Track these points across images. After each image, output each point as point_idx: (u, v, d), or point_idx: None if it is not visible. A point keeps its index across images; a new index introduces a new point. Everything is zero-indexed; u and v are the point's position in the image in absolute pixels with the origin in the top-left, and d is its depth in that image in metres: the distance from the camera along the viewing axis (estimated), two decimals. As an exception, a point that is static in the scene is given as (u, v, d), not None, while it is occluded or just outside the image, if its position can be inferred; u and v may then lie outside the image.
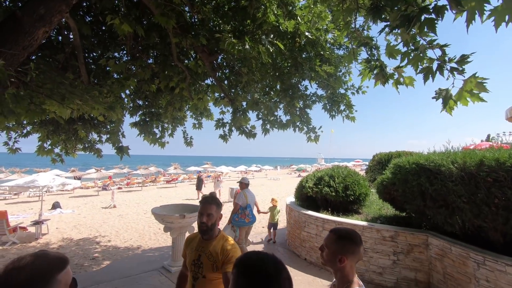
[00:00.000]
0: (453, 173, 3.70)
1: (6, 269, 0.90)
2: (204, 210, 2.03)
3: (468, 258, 3.72)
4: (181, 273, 2.28)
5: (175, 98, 5.45)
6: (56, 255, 1.00)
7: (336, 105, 5.54)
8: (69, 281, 0.99)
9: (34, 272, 0.90)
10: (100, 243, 8.09)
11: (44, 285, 0.90)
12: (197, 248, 2.06)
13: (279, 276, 0.82)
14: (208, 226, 2.01)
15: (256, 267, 0.84)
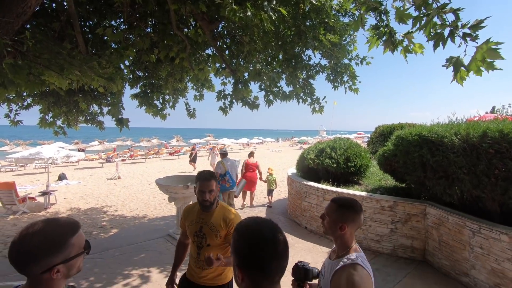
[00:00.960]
0: (455, 145, 3.70)
1: (20, 234, 0.93)
2: (205, 188, 2.04)
3: (464, 227, 3.84)
4: (180, 242, 2.36)
5: (176, 68, 5.34)
6: (68, 220, 1.03)
7: (340, 76, 5.42)
8: (83, 244, 1.03)
9: (49, 237, 0.94)
10: (107, 212, 8.36)
11: (59, 248, 0.94)
12: (197, 220, 2.13)
13: (275, 239, 0.85)
14: (211, 202, 2.07)
15: (254, 231, 0.88)
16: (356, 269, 1.36)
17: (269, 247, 0.84)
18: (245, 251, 0.85)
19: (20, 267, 0.91)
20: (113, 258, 4.62)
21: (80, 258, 1.03)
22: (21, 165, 19.46)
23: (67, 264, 0.97)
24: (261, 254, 0.83)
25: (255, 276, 0.84)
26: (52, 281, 0.94)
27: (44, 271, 0.91)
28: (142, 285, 3.81)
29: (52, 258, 0.92)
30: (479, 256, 3.65)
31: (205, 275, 2.09)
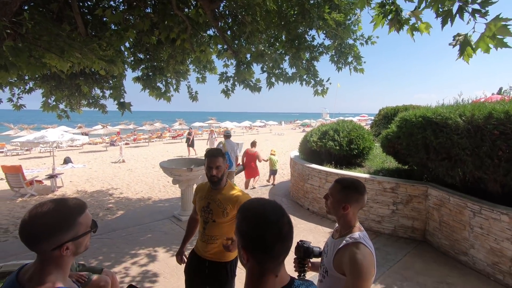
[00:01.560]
0: (460, 126, 3.68)
1: (30, 213, 0.96)
2: (212, 164, 2.12)
3: (465, 208, 3.88)
4: (191, 217, 2.50)
5: (177, 50, 5.26)
6: (75, 200, 1.07)
7: (344, 57, 5.32)
8: (89, 223, 1.07)
9: (58, 216, 0.97)
10: (113, 195, 8.52)
11: (67, 227, 0.97)
12: (206, 196, 2.22)
13: (279, 222, 0.86)
14: (218, 177, 2.14)
15: (258, 213, 0.88)
16: (358, 247, 1.39)
17: (273, 230, 0.84)
18: (249, 233, 0.86)
19: (31, 244, 0.95)
20: (121, 238, 4.75)
21: (88, 236, 1.07)
22: (26, 149, 19.68)
23: (76, 242, 1.00)
24: (265, 237, 0.84)
25: (260, 257, 0.86)
26: (62, 258, 0.98)
27: (55, 248, 0.95)
28: (149, 263, 3.94)
29: (62, 235, 0.96)
30: (478, 236, 3.71)
31: (210, 249, 2.18)
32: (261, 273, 0.86)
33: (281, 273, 0.88)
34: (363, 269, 1.32)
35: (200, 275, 2.25)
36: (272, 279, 0.86)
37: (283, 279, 0.89)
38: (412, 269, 3.80)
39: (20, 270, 1.02)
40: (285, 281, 0.89)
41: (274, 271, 0.87)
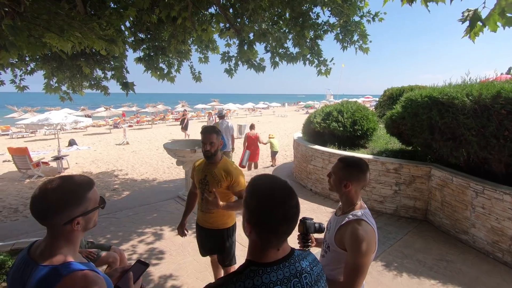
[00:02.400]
0: (466, 106, 3.62)
1: (41, 189, 0.98)
2: (206, 140, 2.33)
3: (467, 188, 3.89)
4: (191, 192, 2.70)
5: (178, 29, 5.15)
6: (83, 176, 1.09)
7: (349, 35, 5.17)
8: (98, 199, 1.09)
9: (68, 191, 0.99)
10: (118, 176, 8.66)
11: (78, 202, 1.00)
12: (203, 170, 2.44)
13: (287, 203, 0.87)
14: (212, 152, 2.35)
15: (267, 192, 0.88)
16: (360, 224, 1.41)
17: (279, 211, 0.85)
18: (256, 209, 0.87)
19: (43, 218, 0.97)
20: (127, 217, 4.87)
21: (96, 212, 1.09)
22: (31, 132, 19.85)
23: (86, 217, 1.03)
24: (270, 217, 0.85)
25: (263, 234, 0.87)
26: (72, 233, 1.01)
27: (66, 222, 0.97)
28: (156, 241, 4.05)
29: (72, 210, 0.98)
30: (480, 216, 3.74)
31: (207, 218, 2.45)
32: (263, 246, 0.89)
33: (283, 247, 0.90)
34: (364, 245, 1.35)
35: (203, 242, 2.58)
36: (274, 251, 0.89)
37: (285, 250, 0.91)
38: (412, 247, 3.88)
39: (31, 246, 1.05)
40: (286, 252, 0.91)
41: (276, 246, 0.89)
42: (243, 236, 3.79)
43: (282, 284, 0.84)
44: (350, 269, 1.36)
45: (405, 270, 3.36)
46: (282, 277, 0.85)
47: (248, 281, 0.82)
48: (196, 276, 3.26)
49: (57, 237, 0.99)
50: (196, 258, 3.57)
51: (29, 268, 0.96)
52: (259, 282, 0.82)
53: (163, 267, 3.45)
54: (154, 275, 3.29)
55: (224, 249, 2.48)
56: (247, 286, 0.82)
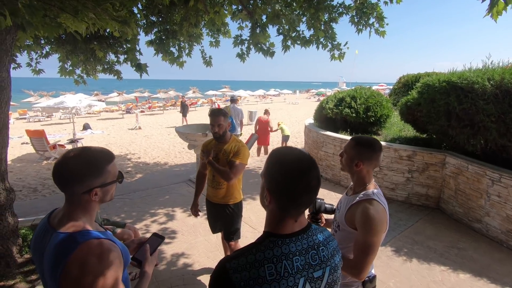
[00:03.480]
0: (487, 91, 3.49)
1: (64, 158, 1.01)
2: (214, 122, 2.44)
3: (483, 176, 3.80)
4: (199, 172, 2.79)
5: (190, 12, 5.09)
6: (105, 149, 1.11)
7: (365, 17, 4.99)
8: (116, 173, 1.11)
9: (90, 161, 1.02)
10: (131, 159, 8.84)
11: (97, 173, 1.02)
12: (214, 149, 2.54)
13: (310, 174, 0.87)
14: (220, 134, 2.47)
15: (291, 161, 0.88)
16: (372, 203, 1.40)
17: (303, 180, 0.85)
18: (279, 178, 0.87)
19: (64, 185, 1.00)
20: (140, 198, 5.00)
21: (114, 186, 1.12)
22: (47, 116, 20.37)
23: (104, 189, 1.06)
24: (292, 185, 0.85)
25: (283, 203, 0.87)
26: (90, 203, 1.04)
27: (85, 191, 1.00)
28: (168, 222, 4.16)
29: (92, 180, 1.01)
30: (495, 204, 3.67)
31: (217, 194, 2.58)
32: (282, 216, 0.89)
33: (300, 218, 0.91)
34: (374, 223, 1.34)
35: (213, 218, 2.73)
36: (291, 222, 0.89)
37: (302, 223, 0.92)
38: (423, 234, 3.85)
39: (51, 214, 1.09)
40: (303, 225, 0.92)
41: (294, 217, 0.89)
42: (252, 218, 3.84)
43: (300, 255, 0.85)
44: (360, 248, 1.36)
45: (415, 256, 3.36)
46: (301, 248, 0.86)
47: (268, 251, 0.83)
48: (207, 255, 3.34)
49: (75, 206, 1.03)
50: (207, 238, 3.66)
51: (49, 234, 1.00)
52: (278, 253, 0.83)
53: (175, 246, 3.56)
54: (167, 253, 3.40)
55: (231, 222, 2.62)
56: (267, 256, 0.82)
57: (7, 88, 2.65)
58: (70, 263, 0.91)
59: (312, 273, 0.86)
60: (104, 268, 0.92)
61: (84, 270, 0.90)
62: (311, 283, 0.86)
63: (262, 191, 0.95)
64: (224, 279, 0.80)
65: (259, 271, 0.80)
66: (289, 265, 0.82)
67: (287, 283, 0.81)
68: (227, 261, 0.83)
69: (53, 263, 0.94)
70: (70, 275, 0.91)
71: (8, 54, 2.71)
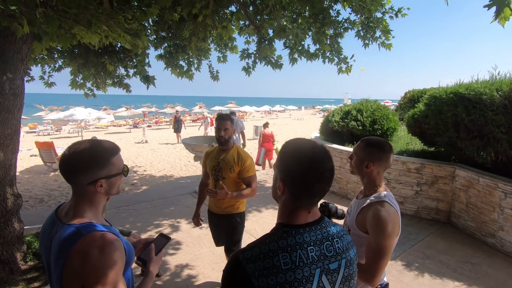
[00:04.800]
0: (495, 102, 3.46)
1: (70, 149, 1.03)
2: (221, 126, 2.40)
3: (495, 189, 3.70)
4: (202, 182, 2.76)
5: (199, 27, 5.25)
6: (109, 142, 1.12)
7: (371, 31, 5.08)
8: (122, 166, 1.12)
9: (94, 153, 1.03)
10: (137, 172, 8.87)
11: (102, 164, 1.03)
12: (215, 157, 2.51)
13: (325, 163, 0.86)
14: (225, 138, 2.41)
15: (306, 150, 0.88)
16: (383, 205, 1.37)
17: (317, 169, 0.84)
18: (293, 167, 0.86)
19: (70, 176, 1.02)
20: (146, 209, 4.98)
21: (119, 179, 1.12)
22: (56, 130, 20.75)
23: (109, 181, 1.06)
24: (307, 173, 0.84)
25: (296, 193, 0.86)
26: (95, 195, 1.05)
27: (90, 182, 1.01)
28: (173, 233, 4.11)
29: (97, 171, 1.02)
30: (508, 218, 3.55)
31: (220, 204, 2.52)
32: (295, 207, 0.87)
33: (313, 210, 0.89)
34: (387, 226, 1.31)
35: (215, 229, 2.68)
36: (304, 213, 0.87)
37: (315, 215, 0.90)
38: (434, 248, 3.73)
39: (59, 207, 1.10)
40: (317, 217, 0.90)
41: (308, 208, 0.88)
42: (257, 229, 3.77)
43: (315, 245, 0.83)
44: (373, 251, 1.31)
45: (427, 271, 3.23)
46: (315, 239, 0.84)
47: (282, 241, 0.82)
48: (212, 267, 3.27)
49: (81, 198, 1.03)
50: (212, 249, 3.59)
51: (56, 226, 1.01)
52: (293, 242, 0.81)
53: (180, 257, 3.49)
54: (171, 264, 3.33)
55: (233, 233, 2.57)
56: (281, 246, 0.81)
57: (21, 96, 2.72)
58: (72, 254, 0.91)
59: (328, 265, 0.83)
60: (105, 260, 0.92)
61: (85, 262, 0.90)
62: (328, 275, 0.83)
63: (274, 182, 0.94)
64: (238, 270, 0.79)
65: (274, 260, 0.78)
66: (304, 255, 0.80)
67: (303, 273, 0.79)
68: (241, 253, 0.82)
69: (57, 254, 0.94)
70: (71, 265, 0.91)
71: (23, 63, 2.80)
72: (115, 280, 0.93)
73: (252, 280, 0.76)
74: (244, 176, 2.42)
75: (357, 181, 5.53)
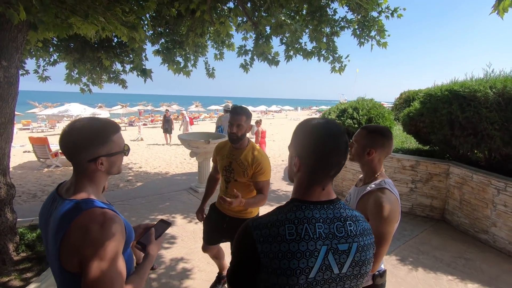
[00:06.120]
0: (489, 99, 3.51)
1: (70, 126, 1.02)
2: (234, 121, 2.06)
3: (488, 185, 3.75)
4: (211, 176, 2.53)
5: (196, 23, 5.24)
6: (110, 120, 1.11)
7: (367, 30, 5.11)
8: (122, 144, 1.11)
9: (94, 130, 1.01)
10: (132, 168, 8.81)
11: (102, 141, 1.02)
12: (228, 155, 2.19)
13: (340, 136, 0.86)
14: (238, 136, 2.08)
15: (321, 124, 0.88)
16: (384, 192, 1.38)
17: (332, 141, 0.85)
18: (309, 141, 0.87)
19: (70, 153, 1.00)
20: (141, 205, 4.94)
21: (120, 157, 1.11)
22: (50, 127, 20.52)
23: (109, 159, 1.05)
24: (323, 144, 0.85)
25: (312, 166, 0.86)
26: (96, 172, 1.03)
27: (90, 160, 1.00)
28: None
29: (97, 148, 1.00)
30: (501, 214, 3.60)
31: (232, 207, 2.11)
32: (310, 182, 0.88)
33: (328, 188, 0.89)
34: (387, 212, 1.31)
35: (219, 229, 2.31)
36: (319, 190, 0.87)
37: (330, 195, 0.89)
38: (428, 244, 3.76)
39: (60, 185, 1.10)
40: (332, 197, 0.89)
41: (322, 184, 0.87)
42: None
43: (324, 223, 0.82)
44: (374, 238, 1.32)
45: (421, 266, 3.26)
46: (325, 217, 0.84)
47: (290, 214, 0.82)
48: (207, 261, 3.25)
49: (81, 175, 1.02)
50: (207, 244, 3.58)
51: (56, 202, 1.01)
52: (301, 216, 0.82)
53: (175, 251, 3.47)
54: (166, 257, 3.31)
55: None
56: (289, 218, 0.81)
57: (15, 84, 2.69)
58: (72, 229, 0.90)
59: (336, 245, 0.82)
60: (105, 237, 0.90)
61: (85, 237, 0.89)
62: (335, 255, 0.81)
63: (290, 161, 0.94)
64: (246, 236, 0.83)
65: (279, 229, 0.80)
66: (311, 229, 0.80)
67: (307, 247, 0.78)
68: (252, 220, 0.85)
69: (56, 229, 0.93)
70: (70, 241, 0.90)
71: (18, 52, 2.77)
72: (114, 256, 0.91)
73: (256, 245, 0.79)
74: (257, 179, 2.11)
75: (353, 179, 5.56)
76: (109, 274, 0.88)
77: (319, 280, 0.80)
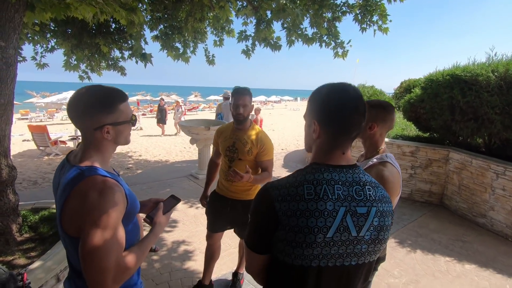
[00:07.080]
0: (491, 83, 3.49)
1: (77, 92, 1.02)
2: (239, 101, 2.06)
3: (488, 170, 3.78)
4: (212, 161, 2.51)
5: (195, 7, 5.15)
6: (118, 89, 1.09)
7: (369, 15, 5.04)
8: (130, 114, 1.10)
9: (100, 97, 1.01)
10: (132, 157, 8.81)
11: (108, 109, 1.01)
12: (231, 136, 2.21)
13: (358, 98, 0.86)
14: (244, 116, 2.10)
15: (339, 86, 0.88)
16: (386, 165, 1.38)
17: (352, 102, 0.84)
18: (328, 105, 0.86)
19: (76, 119, 1.01)
20: (141, 190, 4.97)
21: (127, 128, 1.11)
22: (49, 117, 20.41)
23: (116, 128, 1.04)
24: (343, 106, 0.84)
25: (333, 129, 0.86)
26: (102, 141, 1.03)
27: (96, 128, 0.99)
28: (169, 212, 4.12)
29: (103, 116, 1.00)
30: (500, 198, 3.63)
31: (233, 188, 2.20)
32: (331, 147, 0.87)
33: (347, 153, 0.89)
34: (389, 185, 1.32)
35: (223, 215, 2.29)
36: (339, 154, 0.87)
37: (349, 160, 0.89)
38: (427, 227, 3.81)
39: (70, 152, 1.11)
40: (351, 162, 0.89)
41: (342, 148, 0.87)
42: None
43: (343, 185, 0.82)
44: None
45: (419, 248, 3.31)
46: (344, 180, 0.83)
47: (309, 175, 0.83)
48: (208, 243, 3.30)
49: (88, 143, 1.03)
50: (209, 227, 3.62)
51: (65, 168, 1.03)
52: (320, 177, 0.82)
53: (176, 234, 3.51)
54: (167, 240, 3.36)
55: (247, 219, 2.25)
56: (307, 178, 0.82)
57: (14, 65, 2.66)
58: (73, 194, 0.91)
59: (355, 207, 0.81)
60: (103, 204, 0.89)
61: (83, 203, 0.89)
62: (353, 217, 0.80)
63: (307, 130, 0.94)
64: (264, 195, 0.85)
65: (298, 189, 0.80)
66: (330, 190, 0.80)
67: (326, 206, 0.78)
68: (270, 183, 0.87)
69: (61, 193, 0.94)
70: (69, 205, 0.91)
71: (16, 32, 2.73)
72: (113, 225, 0.90)
73: (274, 204, 0.81)
74: (262, 159, 2.15)
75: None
76: (105, 241, 0.87)
77: (336, 240, 0.79)
